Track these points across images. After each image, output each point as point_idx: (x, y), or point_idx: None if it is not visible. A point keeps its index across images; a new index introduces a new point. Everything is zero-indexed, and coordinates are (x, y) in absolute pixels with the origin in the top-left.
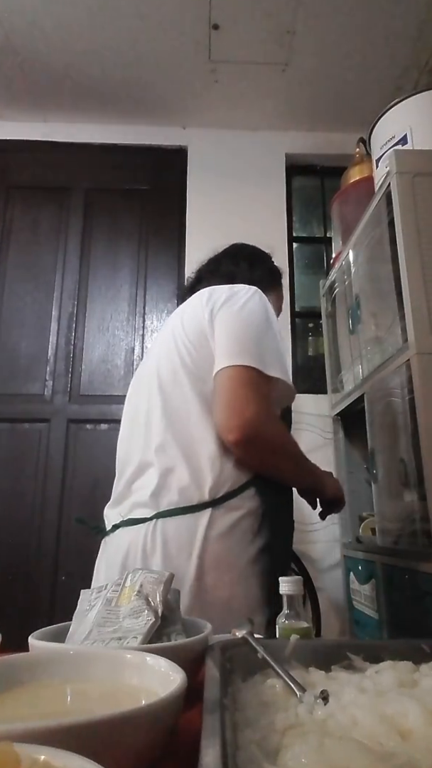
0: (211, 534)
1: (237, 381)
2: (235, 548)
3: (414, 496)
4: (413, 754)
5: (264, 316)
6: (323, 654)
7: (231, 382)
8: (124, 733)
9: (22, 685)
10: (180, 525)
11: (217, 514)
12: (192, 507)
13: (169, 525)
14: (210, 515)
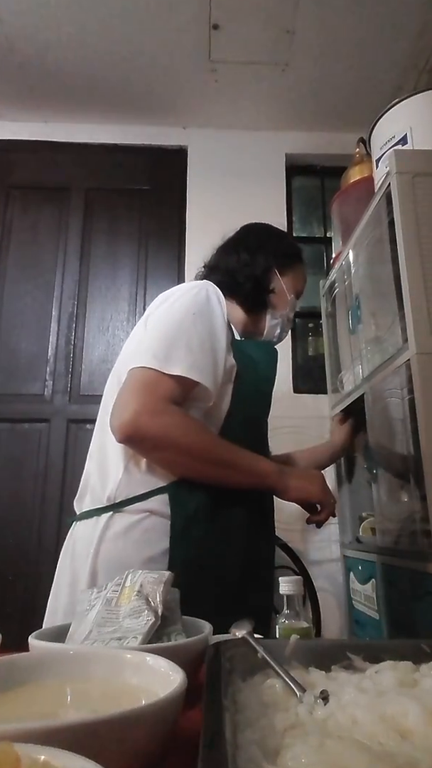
0: (107, 535)
1: (128, 383)
2: (129, 548)
3: (414, 496)
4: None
5: (192, 309)
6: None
7: (124, 386)
8: (124, 733)
9: (22, 685)
10: (86, 527)
11: (116, 517)
12: (96, 510)
13: (79, 527)
14: (108, 517)
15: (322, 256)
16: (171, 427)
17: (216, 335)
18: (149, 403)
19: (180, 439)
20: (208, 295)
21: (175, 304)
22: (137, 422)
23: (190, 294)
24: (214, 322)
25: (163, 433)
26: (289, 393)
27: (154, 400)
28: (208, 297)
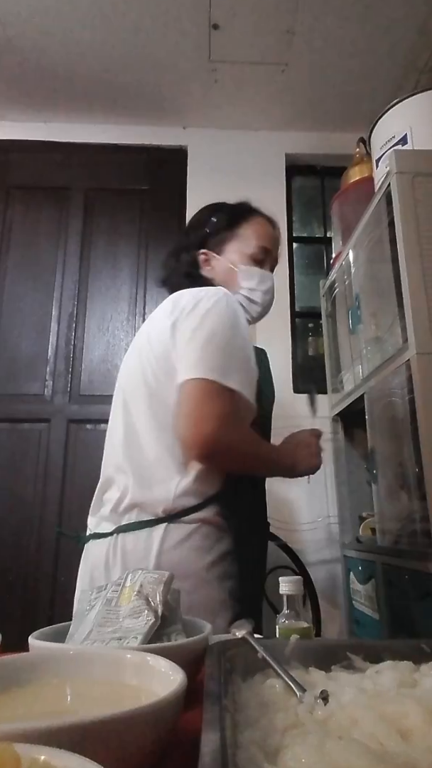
0: (166, 545)
1: (196, 395)
2: (191, 556)
3: (414, 496)
4: (413, 754)
5: (228, 323)
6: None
7: (190, 396)
8: (124, 733)
9: (22, 685)
10: (138, 538)
11: (172, 527)
12: (148, 521)
13: (128, 539)
14: (165, 528)
15: (322, 256)
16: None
17: (250, 349)
18: (227, 419)
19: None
20: (234, 305)
21: (210, 316)
22: (216, 440)
23: (220, 305)
24: (245, 335)
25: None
26: (289, 393)
27: (226, 413)
28: (235, 308)
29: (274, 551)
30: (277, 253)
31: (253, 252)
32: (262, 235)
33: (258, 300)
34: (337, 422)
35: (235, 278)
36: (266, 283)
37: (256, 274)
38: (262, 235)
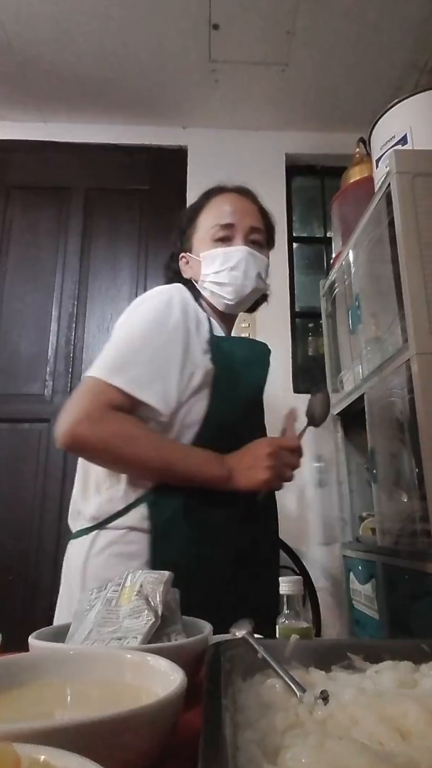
0: (92, 552)
1: (77, 392)
2: (111, 563)
3: (414, 496)
4: (413, 754)
5: (149, 319)
6: (323, 654)
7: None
8: (124, 733)
9: (22, 685)
10: (75, 546)
11: (101, 534)
12: (85, 529)
13: (71, 546)
14: (95, 535)
15: (322, 256)
16: (108, 434)
17: (173, 345)
18: (89, 411)
19: (117, 448)
20: (170, 301)
21: (136, 312)
22: (75, 430)
23: (152, 301)
24: (172, 331)
25: (100, 441)
26: (289, 393)
27: (93, 408)
28: (170, 303)
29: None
30: (253, 220)
31: (212, 233)
32: (220, 213)
33: (226, 280)
34: (337, 422)
35: (200, 269)
36: (232, 260)
37: (218, 256)
38: (219, 213)
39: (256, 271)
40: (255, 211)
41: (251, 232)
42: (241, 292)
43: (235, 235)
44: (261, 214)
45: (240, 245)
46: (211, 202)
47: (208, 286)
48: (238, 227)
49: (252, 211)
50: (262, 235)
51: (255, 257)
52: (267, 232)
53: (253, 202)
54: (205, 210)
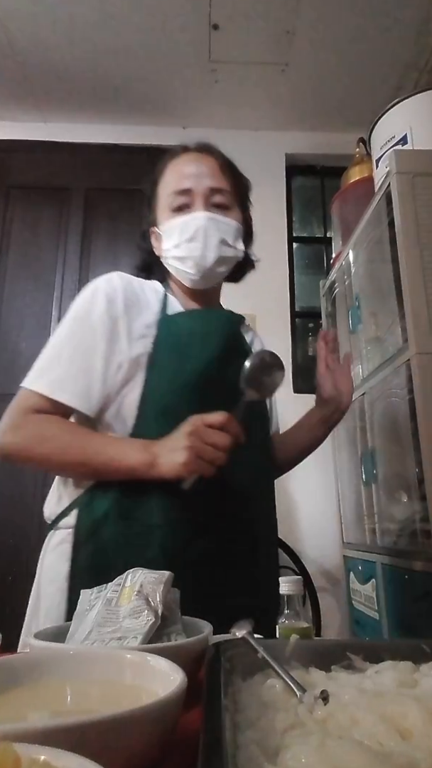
0: (47, 550)
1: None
2: (55, 563)
3: (414, 497)
4: (413, 754)
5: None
6: (323, 654)
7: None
8: (124, 733)
9: (22, 685)
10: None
11: (54, 534)
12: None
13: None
14: (51, 534)
15: (322, 256)
16: (24, 438)
17: (95, 339)
18: (13, 419)
19: (36, 449)
20: (94, 293)
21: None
22: (2, 441)
23: (80, 296)
24: (94, 325)
25: (21, 447)
26: (289, 393)
27: (16, 415)
28: (94, 294)
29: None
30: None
31: (169, 202)
32: (175, 179)
33: (185, 253)
34: None
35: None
36: (189, 230)
37: (174, 228)
38: (174, 179)
39: (218, 238)
40: (216, 170)
41: (212, 195)
42: (203, 265)
43: (194, 200)
44: (225, 170)
45: (199, 212)
46: (168, 167)
47: (171, 263)
48: (195, 191)
49: (212, 169)
50: (226, 195)
51: (217, 222)
52: (235, 191)
53: (215, 158)
54: (162, 177)
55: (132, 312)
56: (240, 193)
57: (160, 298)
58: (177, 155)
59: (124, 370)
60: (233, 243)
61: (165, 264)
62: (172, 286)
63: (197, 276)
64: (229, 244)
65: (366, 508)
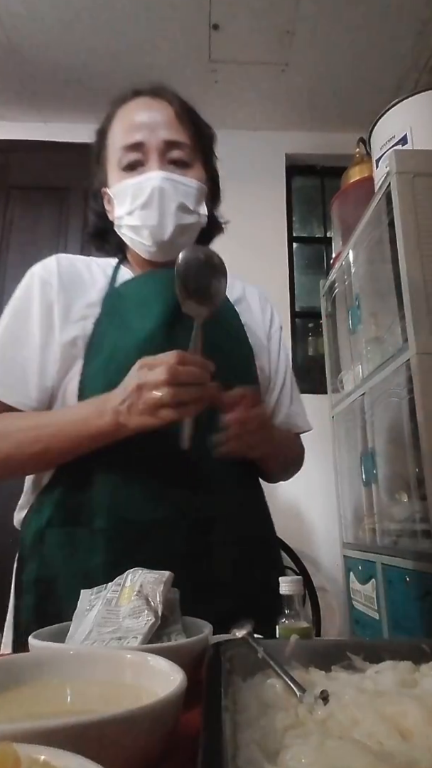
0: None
1: None
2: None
3: (414, 497)
4: (413, 754)
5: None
6: (323, 654)
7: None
8: (124, 733)
9: (22, 685)
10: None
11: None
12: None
13: None
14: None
15: (322, 256)
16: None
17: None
18: None
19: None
20: (30, 278)
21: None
22: None
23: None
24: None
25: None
26: None
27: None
28: (29, 282)
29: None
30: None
31: (118, 159)
32: (124, 130)
33: (139, 222)
34: (338, 422)
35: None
36: (142, 194)
37: (126, 191)
38: (123, 131)
39: (176, 203)
40: (172, 118)
41: (168, 149)
42: (160, 236)
43: (148, 157)
44: (183, 119)
45: (153, 171)
46: (117, 115)
47: (125, 232)
48: (149, 146)
49: (168, 118)
50: (185, 150)
51: (175, 184)
52: (196, 143)
53: (171, 103)
54: (110, 127)
55: (71, 294)
56: (202, 145)
57: (111, 273)
58: (126, 101)
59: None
60: (195, 207)
61: (118, 232)
62: (129, 259)
63: (154, 248)
64: (190, 209)
65: (366, 508)
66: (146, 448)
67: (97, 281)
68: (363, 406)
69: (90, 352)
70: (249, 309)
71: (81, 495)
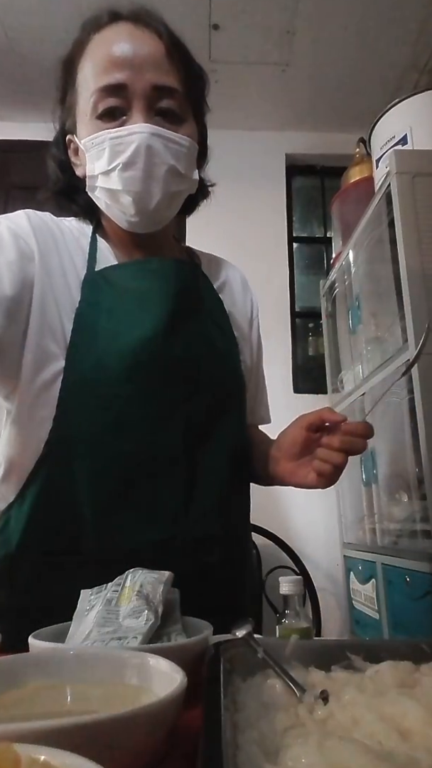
0: None
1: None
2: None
3: (414, 497)
4: (413, 754)
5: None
6: (323, 654)
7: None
8: (124, 733)
9: (22, 685)
10: None
11: None
12: None
13: None
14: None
15: (322, 256)
16: None
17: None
18: None
19: None
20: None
21: None
22: None
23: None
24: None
25: None
26: (289, 393)
27: None
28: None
29: (274, 551)
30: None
31: (93, 105)
32: (101, 65)
33: (119, 186)
34: None
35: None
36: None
37: (102, 145)
38: (100, 66)
39: (167, 165)
40: (162, 56)
41: (157, 96)
42: (146, 204)
43: (131, 104)
44: (174, 57)
45: (139, 123)
46: (90, 46)
47: (99, 195)
48: (133, 89)
49: (156, 55)
50: (178, 98)
51: (165, 141)
52: (189, 89)
53: (160, 36)
54: (82, 60)
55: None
56: (195, 93)
57: (86, 248)
58: (102, 26)
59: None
60: (186, 171)
61: (90, 195)
62: (104, 225)
63: (137, 218)
64: (181, 173)
65: (366, 508)
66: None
67: (74, 256)
68: (363, 406)
69: (73, 352)
70: (231, 295)
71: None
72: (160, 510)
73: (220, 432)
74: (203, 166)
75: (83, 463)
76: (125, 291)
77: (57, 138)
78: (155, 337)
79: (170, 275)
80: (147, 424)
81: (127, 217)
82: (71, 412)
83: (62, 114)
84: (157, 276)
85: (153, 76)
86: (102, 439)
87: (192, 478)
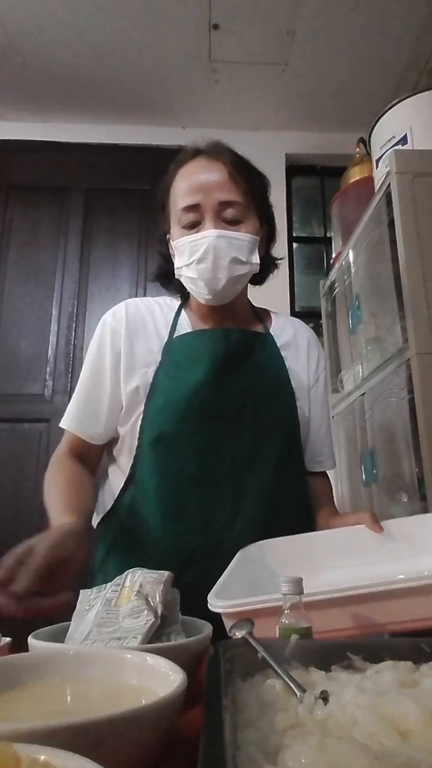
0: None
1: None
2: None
3: (414, 497)
4: (413, 754)
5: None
6: (323, 654)
7: None
8: (124, 733)
9: (22, 685)
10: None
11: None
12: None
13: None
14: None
15: (322, 256)
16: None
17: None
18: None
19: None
20: (103, 326)
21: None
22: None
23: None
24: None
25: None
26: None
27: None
28: (102, 329)
29: None
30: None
31: (178, 219)
32: (183, 193)
33: (195, 275)
34: (337, 422)
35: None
36: (198, 251)
37: (185, 247)
38: (183, 193)
39: (230, 257)
40: (226, 179)
41: (222, 209)
42: (215, 287)
43: (204, 216)
44: (236, 178)
45: (209, 229)
46: (178, 176)
47: (184, 281)
48: (205, 207)
49: (222, 179)
50: (238, 208)
51: (228, 240)
52: (249, 197)
53: (225, 164)
54: (173, 186)
55: (136, 341)
56: (256, 198)
57: (171, 319)
58: (186, 161)
59: (126, 404)
60: (247, 258)
61: (180, 279)
62: (190, 300)
63: (209, 296)
64: (242, 260)
65: (366, 508)
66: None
67: (160, 328)
68: (363, 406)
69: (149, 398)
70: (297, 353)
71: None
72: (210, 521)
73: (263, 462)
74: (272, 244)
75: (151, 482)
76: (187, 354)
77: (161, 237)
78: (205, 385)
79: (218, 340)
80: (199, 454)
81: (203, 296)
82: (144, 450)
83: (161, 221)
84: (210, 340)
85: (219, 195)
86: (165, 465)
87: (239, 496)
